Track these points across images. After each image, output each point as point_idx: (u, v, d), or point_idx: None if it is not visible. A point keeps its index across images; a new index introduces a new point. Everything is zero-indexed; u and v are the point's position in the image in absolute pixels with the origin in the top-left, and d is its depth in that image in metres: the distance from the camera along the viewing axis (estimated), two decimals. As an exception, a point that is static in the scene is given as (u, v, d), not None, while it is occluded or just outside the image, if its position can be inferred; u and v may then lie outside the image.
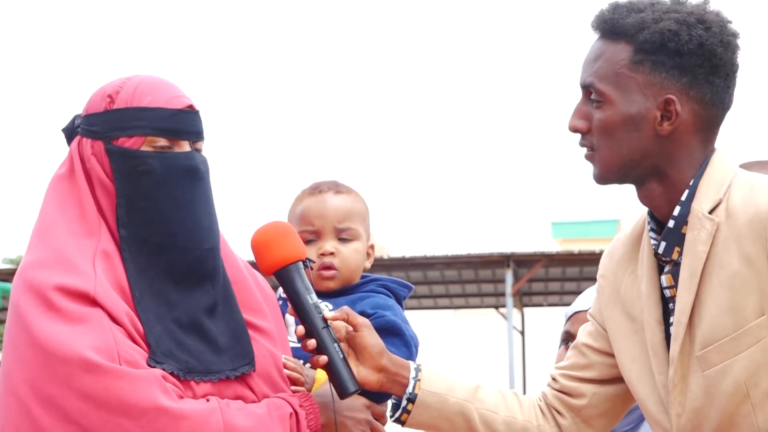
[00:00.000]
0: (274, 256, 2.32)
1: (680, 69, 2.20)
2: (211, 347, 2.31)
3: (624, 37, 2.23)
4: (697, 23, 2.21)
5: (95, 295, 2.21)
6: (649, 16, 2.22)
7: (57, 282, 2.21)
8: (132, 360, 2.19)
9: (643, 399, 2.32)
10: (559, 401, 2.49)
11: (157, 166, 2.32)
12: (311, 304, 2.32)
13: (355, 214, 2.70)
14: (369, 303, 2.63)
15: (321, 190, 2.72)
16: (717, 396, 2.17)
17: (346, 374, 2.31)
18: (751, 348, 2.14)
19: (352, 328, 2.36)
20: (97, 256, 2.28)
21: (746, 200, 2.17)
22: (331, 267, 2.67)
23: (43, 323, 2.18)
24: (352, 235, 2.69)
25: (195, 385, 2.27)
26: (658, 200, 2.27)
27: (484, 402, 2.43)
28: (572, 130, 2.30)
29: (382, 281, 2.72)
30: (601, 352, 2.46)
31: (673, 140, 2.23)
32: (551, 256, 19.48)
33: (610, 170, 2.26)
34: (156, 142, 2.33)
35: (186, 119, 2.36)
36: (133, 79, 2.39)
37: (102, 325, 2.20)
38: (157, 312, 2.28)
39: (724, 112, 2.26)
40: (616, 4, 2.28)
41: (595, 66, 2.26)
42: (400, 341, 2.58)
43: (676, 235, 2.24)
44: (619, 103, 2.23)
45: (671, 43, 2.20)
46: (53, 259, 2.25)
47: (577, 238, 33.42)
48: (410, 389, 2.39)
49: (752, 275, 2.13)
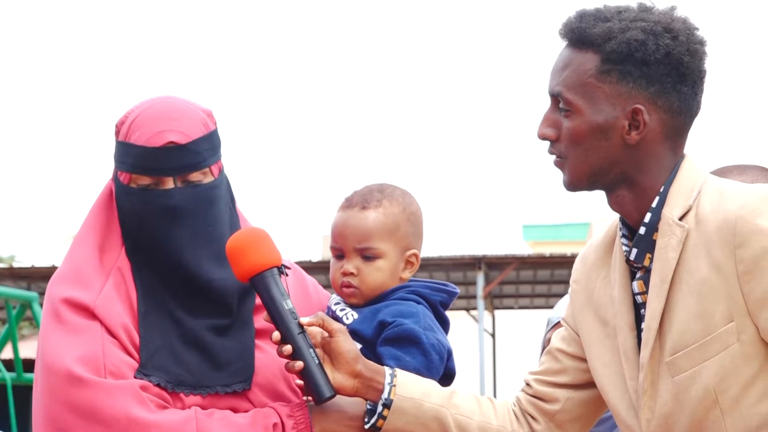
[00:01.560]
0: (248, 262, 2.32)
1: (647, 78, 2.21)
2: (209, 363, 2.36)
3: (591, 47, 2.24)
4: (664, 32, 2.22)
5: (94, 308, 2.33)
6: (615, 26, 2.22)
7: (65, 295, 2.35)
8: (117, 371, 2.29)
9: (614, 404, 2.33)
10: (533, 406, 2.50)
11: (137, 203, 2.39)
12: (287, 309, 2.32)
13: (378, 232, 2.62)
14: (390, 311, 2.58)
15: (350, 204, 2.66)
16: (686, 401, 2.19)
17: (321, 380, 2.32)
18: (720, 354, 2.15)
19: (327, 334, 2.37)
20: (114, 271, 2.39)
21: (715, 207, 2.18)
22: (351, 286, 2.63)
23: (49, 334, 2.34)
24: (374, 254, 2.62)
25: (184, 397, 2.32)
26: (628, 207, 2.28)
27: (459, 407, 2.44)
28: (541, 138, 2.30)
29: (414, 287, 2.66)
30: (575, 357, 2.47)
31: (641, 149, 2.24)
32: (522, 259, 19.53)
33: (580, 178, 2.27)
34: (139, 179, 2.38)
35: (164, 156, 2.36)
36: (139, 108, 2.43)
37: (95, 337, 2.31)
38: (161, 327, 2.35)
39: (691, 119, 2.27)
40: (583, 13, 2.28)
41: (563, 75, 2.26)
42: (417, 350, 2.53)
43: (647, 242, 2.25)
44: (587, 112, 2.24)
45: (638, 53, 2.20)
46: (70, 272, 2.40)
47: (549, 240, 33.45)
48: (386, 395, 2.39)
49: (721, 282, 2.14)
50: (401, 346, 2.51)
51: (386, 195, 2.67)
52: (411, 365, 2.51)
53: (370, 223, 2.63)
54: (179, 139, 2.37)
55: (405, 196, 2.69)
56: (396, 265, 2.65)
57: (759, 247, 2.11)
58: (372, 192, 2.67)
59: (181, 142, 2.37)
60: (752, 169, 2.79)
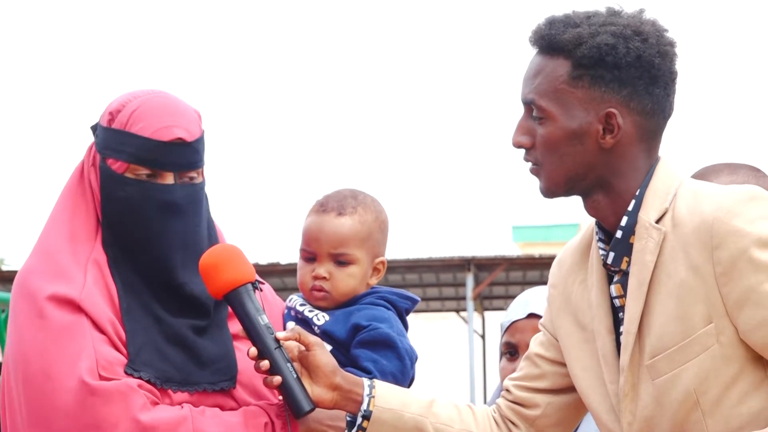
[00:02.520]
0: (222, 278, 2.32)
1: (619, 82, 2.22)
2: (193, 360, 2.35)
3: (562, 53, 2.24)
4: (634, 35, 2.22)
5: (80, 302, 2.28)
6: (585, 31, 2.23)
7: (50, 291, 2.28)
8: (109, 368, 2.25)
9: (594, 407, 2.33)
10: (514, 412, 2.50)
11: (134, 194, 2.35)
12: (263, 325, 2.32)
13: (353, 238, 2.67)
14: (364, 315, 2.63)
15: (325, 209, 2.68)
16: (667, 404, 2.19)
17: (300, 394, 2.31)
18: (700, 356, 2.16)
19: (304, 348, 2.37)
20: (90, 263, 2.33)
21: (691, 209, 2.18)
22: (322, 290, 2.66)
23: (32, 337, 2.27)
24: (348, 260, 2.67)
25: (172, 394, 2.31)
26: (604, 211, 2.28)
27: (438, 416, 2.44)
28: (516, 146, 2.30)
29: (382, 293, 2.71)
30: (554, 362, 2.47)
31: (616, 152, 2.24)
32: (512, 260, 19.54)
33: (557, 184, 2.28)
34: (138, 170, 2.36)
35: (171, 151, 2.36)
36: (138, 98, 2.40)
37: (84, 335, 2.26)
38: (143, 323, 2.32)
39: (665, 120, 2.28)
40: (552, 19, 2.28)
41: (535, 82, 2.26)
42: (393, 354, 2.58)
43: (624, 245, 2.25)
44: (560, 118, 2.24)
45: (609, 57, 2.21)
46: (48, 265, 2.32)
47: (538, 242, 33.45)
48: (365, 406, 2.39)
49: (699, 284, 2.15)
50: (376, 349, 2.54)
51: (360, 202, 2.70)
52: (388, 369, 2.55)
53: (346, 229, 2.66)
54: (186, 136, 2.37)
55: (375, 204, 2.73)
56: (366, 271, 2.69)
57: (736, 248, 2.11)
58: (346, 198, 2.70)
59: (187, 139, 2.38)
60: (743, 168, 2.80)
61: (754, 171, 2.80)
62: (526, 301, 3.03)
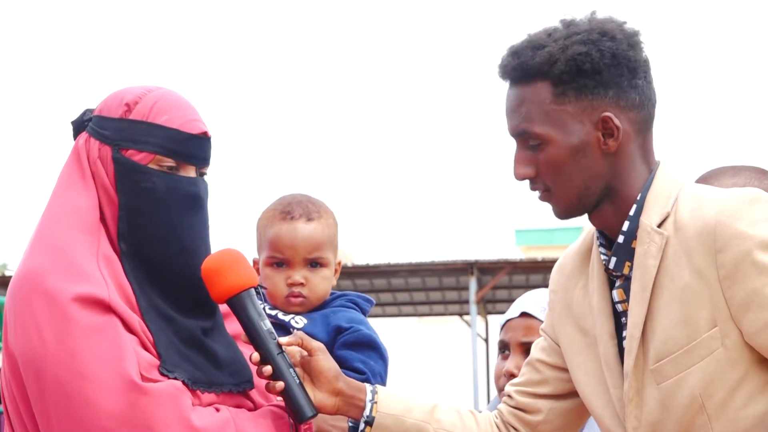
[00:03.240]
0: (225, 283, 2.31)
1: (604, 85, 2.22)
2: (211, 362, 2.34)
3: (538, 76, 2.24)
4: (601, 37, 2.23)
5: (110, 302, 2.23)
6: (554, 48, 2.23)
7: (74, 292, 2.20)
8: (149, 370, 2.21)
9: (598, 413, 2.33)
10: (515, 418, 2.50)
11: (160, 185, 2.33)
12: (265, 330, 2.31)
13: (325, 242, 2.73)
14: (343, 317, 2.67)
15: (293, 216, 2.73)
16: (673, 408, 2.19)
17: (302, 399, 2.31)
18: (705, 360, 2.16)
19: (306, 353, 2.36)
20: (100, 259, 2.29)
21: (694, 213, 2.18)
22: (300, 295, 2.71)
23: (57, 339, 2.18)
24: (322, 262, 2.73)
25: (201, 395, 2.29)
26: (609, 221, 2.29)
27: (441, 422, 2.44)
28: (521, 179, 2.29)
29: (349, 296, 2.76)
30: (555, 368, 2.47)
31: (620, 154, 2.25)
32: (515, 264, 19.54)
33: (570, 204, 2.28)
34: (164, 162, 2.34)
35: (198, 145, 2.37)
36: (154, 92, 2.38)
37: (120, 335, 2.21)
38: (159, 323, 2.30)
39: (654, 107, 2.29)
40: (515, 49, 2.28)
41: (522, 112, 2.26)
42: (377, 354, 2.63)
43: (626, 250, 2.26)
44: (559, 138, 2.24)
45: (587, 65, 2.22)
46: (61, 263, 2.24)
47: (541, 245, 33.39)
48: (367, 412, 2.39)
49: (703, 287, 2.15)
50: (361, 350, 2.59)
51: (319, 206, 2.78)
52: (376, 369, 2.60)
53: (319, 233, 2.73)
54: (208, 131, 2.39)
55: (328, 207, 2.81)
56: (332, 273, 2.76)
57: (739, 251, 2.11)
58: (306, 204, 2.76)
59: (209, 134, 2.39)
60: (746, 170, 2.79)
61: (757, 172, 2.79)
62: (521, 302, 3.06)
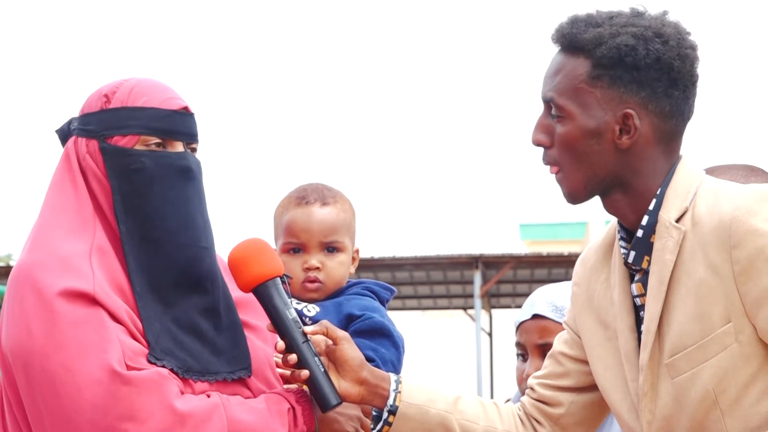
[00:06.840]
0: (252, 272, 2.33)
1: (638, 83, 2.23)
2: (208, 348, 2.35)
3: (582, 52, 2.25)
4: (655, 37, 2.23)
5: (95, 294, 2.25)
6: (606, 31, 2.24)
7: (60, 287, 2.24)
8: (134, 359, 2.24)
9: (616, 406, 2.35)
10: (538, 410, 2.52)
11: (149, 164, 2.36)
12: (291, 319, 2.33)
13: (341, 226, 2.72)
14: (356, 305, 2.66)
15: (308, 201, 2.73)
16: (686, 403, 2.20)
17: (327, 388, 2.33)
18: (719, 355, 2.17)
19: (332, 342, 2.38)
20: (93, 253, 2.31)
21: (711, 208, 2.19)
22: (316, 280, 2.70)
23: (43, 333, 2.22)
24: (338, 247, 2.72)
25: (193, 383, 2.30)
26: (623, 210, 2.30)
27: (464, 413, 2.45)
28: (535, 144, 2.32)
29: (366, 284, 2.74)
30: (577, 360, 2.48)
31: (633, 153, 2.25)
32: (519, 258, 19.50)
33: (577, 188, 2.29)
34: (149, 141, 2.37)
35: (180, 120, 2.40)
36: (130, 80, 2.43)
37: (105, 326, 2.24)
38: (155, 309, 2.31)
39: (684, 122, 2.29)
40: (575, 18, 2.30)
41: (555, 80, 2.28)
42: (389, 342, 2.62)
43: (645, 244, 2.27)
44: (578, 117, 2.25)
45: (628, 58, 2.22)
46: (51, 258, 2.28)
47: (546, 240, 33.38)
48: (391, 401, 2.41)
49: (718, 283, 2.16)
50: (373, 338, 2.58)
51: (334, 192, 2.77)
52: (387, 357, 2.59)
53: (334, 217, 2.72)
54: (189, 107, 2.42)
55: (344, 195, 2.80)
56: (350, 259, 2.74)
57: (754, 247, 2.12)
58: (321, 190, 2.76)
59: (190, 109, 2.42)
60: (735, 168, 2.79)
61: (746, 170, 2.77)
62: (532, 302, 3.04)
